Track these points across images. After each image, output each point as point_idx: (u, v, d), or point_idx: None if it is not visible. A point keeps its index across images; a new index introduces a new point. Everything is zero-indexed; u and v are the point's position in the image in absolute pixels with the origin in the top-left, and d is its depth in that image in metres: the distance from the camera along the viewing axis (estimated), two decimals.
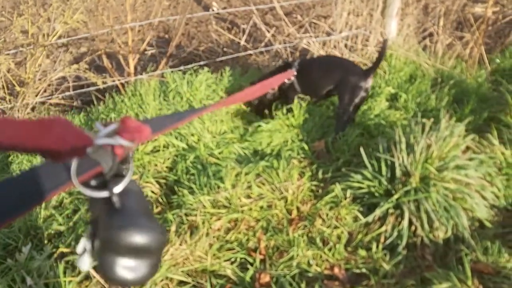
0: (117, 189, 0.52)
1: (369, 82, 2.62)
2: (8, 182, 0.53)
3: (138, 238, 0.49)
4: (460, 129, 2.15)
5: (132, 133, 0.55)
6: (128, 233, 0.49)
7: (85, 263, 0.53)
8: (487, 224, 2.02)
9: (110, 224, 0.51)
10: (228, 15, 5.42)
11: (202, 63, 3.29)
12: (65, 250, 1.95)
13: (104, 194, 0.52)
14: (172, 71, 3.16)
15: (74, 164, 0.50)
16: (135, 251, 0.50)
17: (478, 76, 3.46)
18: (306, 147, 2.59)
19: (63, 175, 0.52)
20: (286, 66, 2.89)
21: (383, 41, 2.55)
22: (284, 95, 2.92)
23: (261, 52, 3.92)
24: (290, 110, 2.85)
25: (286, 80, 2.77)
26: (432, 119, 2.15)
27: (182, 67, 3.18)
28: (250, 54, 3.72)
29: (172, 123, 0.71)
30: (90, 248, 0.53)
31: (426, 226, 1.95)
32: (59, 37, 3.02)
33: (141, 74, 3.17)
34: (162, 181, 2.42)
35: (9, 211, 0.49)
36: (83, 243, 0.54)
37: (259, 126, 2.73)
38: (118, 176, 0.53)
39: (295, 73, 2.74)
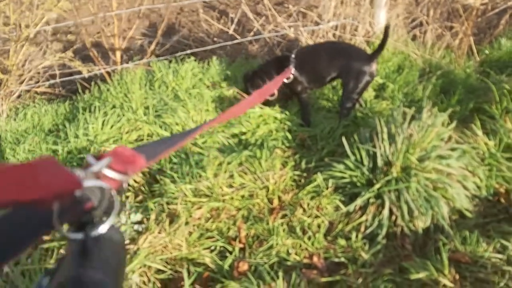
0: (94, 233, 0.50)
1: (373, 66, 2.58)
2: None
3: None
4: (443, 119, 2.14)
5: (125, 165, 0.54)
6: (88, 284, 0.47)
7: None
8: (468, 214, 2.02)
9: (73, 268, 0.49)
10: (220, 4, 5.38)
11: (189, 51, 3.26)
12: (46, 238, 1.95)
13: (78, 236, 0.50)
14: (158, 60, 3.14)
15: (56, 209, 0.47)
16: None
17: (467, 67, 3.45)
18: (290, 136, 2.58)
19: (38, 218, 0.49)
20: (282, 60, 2.80)
21: (385, 26, 2.49)
22: (290, 92, 2.83)
23: (250, 42, 3.90)
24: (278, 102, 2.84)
25: (285, 80, 2.67)
26: (413, 109, 2.15)
27: (167, 56, 3.15)
28: (239, 43, 3.69)
29: (167, 148, 0.69)
30: (46, 286, 0.50)
31: (406, 215, 1.95)
32: (44, 25, 2.99)
33: (127, 63, 3.14)
34: (145, 170, 2.41)
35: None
36: (41, 279, 0.51)
37: (245, 114, 2.72)
38: (107, 213, 0.52)
39: (293, 69, 2.68)
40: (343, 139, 2.19)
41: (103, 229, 0.50)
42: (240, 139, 2.62)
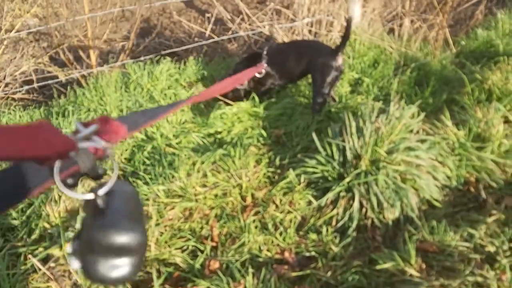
0: (102, 191, 0.53)
1: (339, 60, 2.62)
2: None
3: (118, 238, 0.50)
4: (412, 111, 2.16)
5: (110, 134, 0.56)
6: (107, 233, 0.50)
7: (74, 264, 0.54)
8: (437, 204, 2.05)
9: (92, 225, 0.52)
10: (202, 4, 5.37)
11: (163, 52, 3.26)
12: (17, 243, 1.95)
13: (88, 196, 0.53)
14: (134, 62, 3.14)
15: (56, 167, 0.51)
16: (116, 251, 0.51)
17: (443, 59, 3.48)
18: (265, 134, 2.59)
19: (44, 173, 0.53)
20: (255, 57, 2.85)
21: (347, 19, 2.54)
22: (260, 86, 2.88)
23: (230, 40, 3.90)
24: (253, 99, 2.85)
25: (257, 74, 2.74)
26: (381, 102, 2.17)
27: (142, 58, 3.16)
28: (217, 43, 3.69)
29: (147, 121, 0.72)
30: (75, 249, 0.54)
31: (376, 208, 1.97)
32: (17, 31, 2.98)
33: (102, 66, 3.14)
34: (120, 172, 2.41)
35: None
36: (70, 244, 0.54)
37: (222, 113, 2.73)
38: (100, 177, 0.55)
39: (265, 65, 2.73)
40: (313, 135, 2.20)
41: (108, 186, 0.54)
42: (216, 138, 2.63)
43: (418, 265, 1.70)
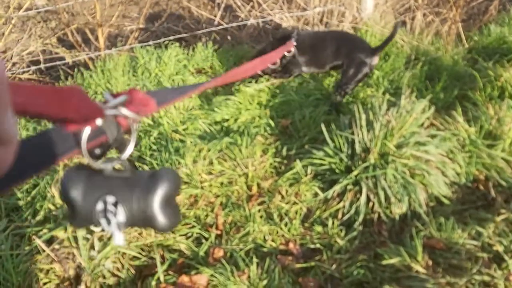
0: (125, 156, 0.55)
1: (375, 60, 2.69)
2: (21, 144, 0.53)
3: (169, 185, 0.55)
4: (423, 105, 2.13)
5: (138, 106, 0.56)
6: (162, 184, 0.54)
7: (120, 238, 0.55)
8: (445, 201, 2.02)
9: (139, 187, 0.54)
10: None
11: (172, 38, 3.22)
12: (22, 224, 1.94)
13: (114, 163, 0.55)
14: (141, 46, 3.11)
15: (85, 134, 0.51)
16: (170, 198, 0.55)
17: (455, 54, 3.43)
18: (273, 124, 2.56)
19: (70, 142, 0.53)
20: (285, 38, 2.83)
21: (395, 23, 2.67)
22: (285, 69, 2.87)
23: (239, 27, 3.86)
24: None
25: (286, 53, 2.73)
26: (387, 95, 2.14)
27: (151, 42, 3.12)
28: (226, 29, 3.65)
29: (175, 97, 0.73)
30: (119, 221, 0.55)
31: (383, 202, 1.95)
32: (26, 10, 2.95)
33: (110, 49, 3.11)
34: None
35: (20, 173, 0.51)
36: (104, 222, 0.55)
37: (227, 99, 2.70)
38: (122, 145, 0.56)
39: (295, 43, 2.72)
40: (322, 126, 2.18)
41: (129, 150, 0.55)
42: (222, 126, 2.60)
43: (425, 262, 1.69)
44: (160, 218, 0.54)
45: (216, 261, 1.79)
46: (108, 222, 0.54)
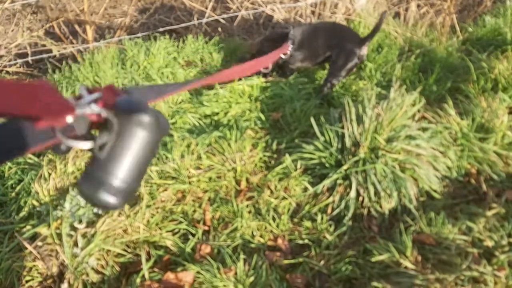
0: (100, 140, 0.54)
1: (364, 50, 2.69)
2: None
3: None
4: (413, 98, 2.09)
5: (112, 103, 0.56)
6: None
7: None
8: (436, 195, 2.00)
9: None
10: None
11: (161, 29, 3.17)
12: (5, 220, 1.91)
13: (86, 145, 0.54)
14: (130, 38, 3.05)
15: (59, 128, 0.52)
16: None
17: (449, 45, 3.39)
18: (263, 117, 2.52)
19: (46, 132, 0.54)
20: (280, 36, 2.81)
21: (381, 13, 2.60)
22: (282, 68, 2.88)
23: (231, 19, 3.80)
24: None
25: (282, 56, 2.71)
26: (376, 88, 2.10)
27: (139, 34, 3.07)
28: (218, 21, 3.60)
29: (155, 97, 0.71)
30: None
31: (373, 197, 1.92)
32: (12, 2, 2.88)
33: (99, 41, 3.05)
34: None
35: None
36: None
37: (216, 93, 2.65)
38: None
39: (291, 46, 2.70)
40: (312, 120, 2.14)
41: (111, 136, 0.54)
42: (212, 119, 2.56)
43: (414, 257, 1.66)
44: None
45: (202, 258, 1.76)
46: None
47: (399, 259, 1.65)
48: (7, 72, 3.21)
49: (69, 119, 0.51)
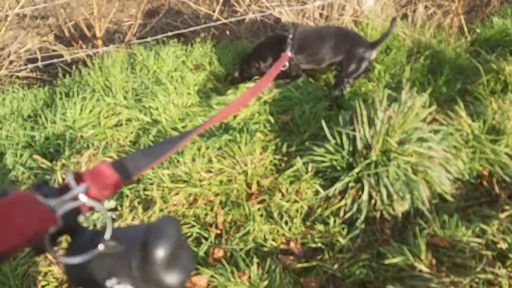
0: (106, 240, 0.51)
1: (373, 55, 2.72)
2: None
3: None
4: (423, 100, 2.09)
5: (101, 190, 0.55)
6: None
7: None
8: (448, 197, 1.99)
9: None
10: None
11: (170, 33, 3.18)
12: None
13: (76, 260, 0.50)
14: (139, 43, 3.07)
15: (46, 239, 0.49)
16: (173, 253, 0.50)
17: (457, 47, 3.37)
18: (272, 120, 2.53)
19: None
20: (278, 41, 2.77)
21: (392, 18, 2.65)
22: (286, 75, 2.87)
23: (238, 22, 3.81)
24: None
25: (281, 68, 2.70)
26: (387, 90, 2.10)
27: (149, 38, 3.08)
28: (225, 24, 3.61)
29: (150, 162, 0.66)
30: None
31: (385, 200, 1.92)
32: (22, 7, 2.91)
33: (108, 46, 3.07)
34: (125, 156, 2.37)
35: None
36: None
37: (227, 99, 2.66)
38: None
39: (290, 53, 2.69)
40: (323, 123, 2.14)
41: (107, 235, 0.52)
42: (222, 123, 2.57)
43: (428, 261, 1.66)
44: (168, 279, 0.49)
45: (216, 261, 1.77)
46: None
47: (413, 262, 1.64)
48: (17, 77, 3.23)
49: (52, 229, 0.49)
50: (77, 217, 0.53)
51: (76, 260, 0.50)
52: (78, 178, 0.54)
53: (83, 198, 0.52)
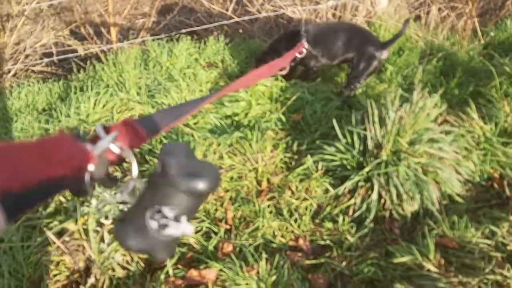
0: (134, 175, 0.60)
1: (385, 54, 2.73)
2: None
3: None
4: (434, 101, 2.08)
5: (129, 140, 0.59)
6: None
7: (189, 228, 0.57)
8: (458, 199, 1.99)
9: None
10: None
11: (183, 31, 3.21)
12: (33, 216, 1.95)
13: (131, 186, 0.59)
14: (153, 39, 3.10)
15: (87, 179, 0.53)
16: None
17: (470, 49, 3.36)
18: (283, 118, 2.54)
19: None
20: (293, 36, 2.81)
21: (405, 20, 2.66)
22: (303, 66, 2.88)
23: (251, 21, 3.83)
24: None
25: (297, 55, 2.71)
26: (400, 90, 2.10)
27: (162, 35, 3.11)
28: (238, 23, 3.63)
29: (172, 121, 0.71)
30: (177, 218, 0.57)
31: (395, 199, 1.92)
32: (37, 2, 2.95)
33: (122, 42, 3.11)
34: (137, 150, 2.40)
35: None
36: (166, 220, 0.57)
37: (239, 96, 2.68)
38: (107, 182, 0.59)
39: (306, 44, 2.70)
40: (334, 122, 2.15)
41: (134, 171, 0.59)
42: (233, 120, 2.59)
43: (437, 261, 1.66)
44: (193, 184, 0.54)
45: (225, 256, 1.78)
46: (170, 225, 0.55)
47: (422, 261, 1.65)
48: (33, 71, 3.28)
49: (91, 167, 0.52)
50: (107, 166, 0.56)
51: (117, 198, 0.58)
52: (107, 130, 0.57)
53: (112, 146, 0.55)
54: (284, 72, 2.81)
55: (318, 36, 2.75)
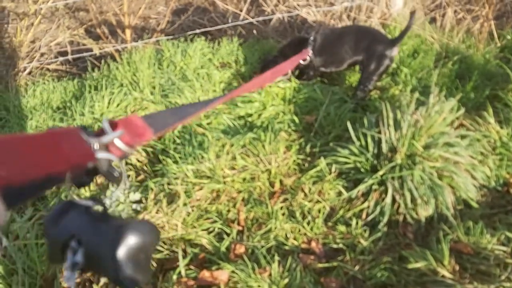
0: (118, 191, 0.58)
1: (395, 51, 2.68)
2: None
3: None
4: (451, 105, 2.06)
5: (134, 137, 0.59)
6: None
7: (70, 278, 0.53)
8: (473, 204, 1.96)
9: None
10: None
11: (197, 31, 3.22)
12: (46, 213, 1.97)
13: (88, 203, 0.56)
14: (168, 39, 3.11)
15: (68, 177, 0.52)
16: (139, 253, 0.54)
17: (486, 52, 3.32)
18: (297, 120, 2.53)
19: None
20: (300, 42, 2.83)
21: (410, 12, 2.62)
22: (304, 73, 2.89)
23: (265, 22, 3.83)
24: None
25: (301, 61, 2.72)
26: (417, 94, 2.08)
27: (179, 35, 3.12)
28: (252, 24, 3.62)
29: (177, 121, 0.72)
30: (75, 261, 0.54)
31: (409, 203, 1.91)
32: (53, 2, 2.98)
33: (136, 41, 3.12)
34: (150, 149, 2.41)
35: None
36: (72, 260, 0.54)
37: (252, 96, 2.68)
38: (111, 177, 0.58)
39: (311, 51, 2.70)
40: (348, 124, 2.14)
41: (115, 196, 0.57)
42: (246, 121, 2.59)
43: (451, 266, 1.64)
44: (124, 270, 0.51)
45: (237, 257, 1.78)
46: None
47: (436, 267, 1.63)
48: (48, 69, 3.31)
49: (90, 164, 0.53)
50: (110, 161, 0.56)
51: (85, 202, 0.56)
52: (113, 125, 0.58)
53: (117, 142, 0.56)
54: (286, 77, 2.81)
55: (324, 44, 2.76)
